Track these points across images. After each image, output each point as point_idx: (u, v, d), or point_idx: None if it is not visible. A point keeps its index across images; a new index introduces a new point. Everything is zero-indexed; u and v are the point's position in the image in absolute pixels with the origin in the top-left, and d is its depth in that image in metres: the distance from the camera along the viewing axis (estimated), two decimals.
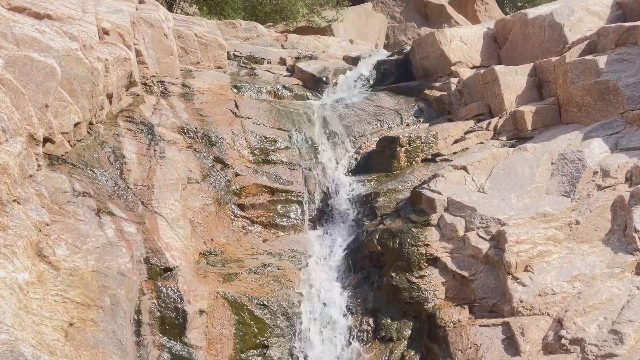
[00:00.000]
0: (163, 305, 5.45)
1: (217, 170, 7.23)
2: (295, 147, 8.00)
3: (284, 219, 7.45)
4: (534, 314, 5.40)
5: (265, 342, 5.79)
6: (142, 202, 6.20)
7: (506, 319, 5.45)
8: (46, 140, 5.74)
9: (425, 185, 6.74)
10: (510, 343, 5.33)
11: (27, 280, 4.45)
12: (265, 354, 5.74)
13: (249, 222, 7.27)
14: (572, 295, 5.43)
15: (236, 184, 7.31)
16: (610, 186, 6.10)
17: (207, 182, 7.06)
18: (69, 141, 6.11)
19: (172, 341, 5.37)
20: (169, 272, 5.63)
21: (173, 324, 5.41)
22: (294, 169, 7.82)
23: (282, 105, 8.71)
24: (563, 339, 5.12)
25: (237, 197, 7.29)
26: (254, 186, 7.39)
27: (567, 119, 7.46)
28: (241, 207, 7.28)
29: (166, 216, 6.21)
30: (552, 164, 6.57)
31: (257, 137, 7.85)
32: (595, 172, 6.22)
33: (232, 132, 7.70)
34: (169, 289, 5.52)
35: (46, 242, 4.93)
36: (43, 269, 4.72)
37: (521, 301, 5.44)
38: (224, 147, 7.44)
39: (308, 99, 9.39)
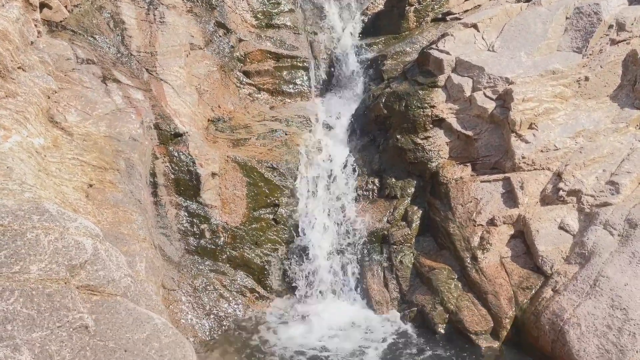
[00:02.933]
0: (176, 168, 5.67)
1: (220, 36, 7.07)
2: (300, 10, 7.71)
3: (290, 86, 7.42)
4: (535, 169, 5.55)
5: (276, 201, 6.09)
6: (147, 70, 6.17)
7: (507, 175, 5.62)
8: (43, 5, 5.59)
9: (434, 46, 6.57)
10: (510, 196, 5.55)
11: (42, 144, 4.60)
12: (276, 212, 6.07)
13: (255, 89, 7.27)
14: (574, 151, 5.53)
15: (240, 50, 7.19)
16: (624, 40, 5.91)
17: (210, 48, 6.94)
18: (65, 6, 5.94)
19: (188, 201, 5.68)
20: (179, 138, 5.78)
21: (187, 185, 5.68)
22: (298, 34, 7.61)
23: None
24: (561, 190, 5.32)
25: (241, 64, 7.21)
26: (259, 52, 7.27)
27: None
28: (246, 74, 7.23)
29: (172, 83, 6.21)
30: (567, 18, 6.30)
31: None
32: (610, 26, 5.99)
33: None
34: (181, 153, 5.71)
35: (56, 109, 5.02)
36: (57, 134, 4.86)
37: (523, 157, 5.57)
38: (225, 10, 7.18)
39: None
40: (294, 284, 6.01)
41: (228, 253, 5.75)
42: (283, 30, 7.53)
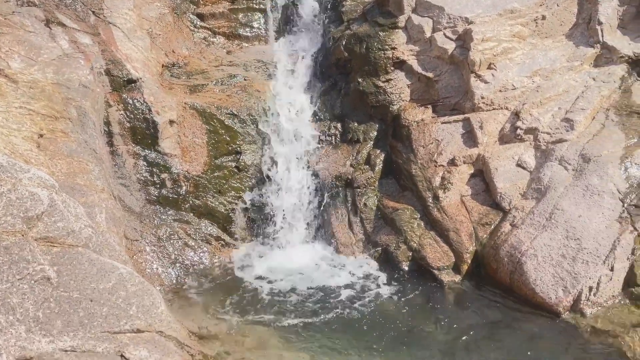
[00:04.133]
0: (132, 116, 5.46)
1: None
2: None
3: (247, 29, 7.17)
4: (494, 109, 5.64)
5: (238, 149, 5.98)
6: (93, 12, 5.80)
7: (467, 115, 5.69)
8: None
9: None
10: (469, 137, 5.64)
11: None
12: (238, 159, 5.98)
13: (210, 33, 6.98)
14: (531, 90, 5.63)
15: None
16: None
17: None
18: None
19: (146, 150, 5.51)
20: (133, 84, 5.53)
21: (144, 134, 5.49)
22: None
23: None
24: (518, 129, 5.44)
25: (194, 6, 6.89)
26: None
27: None
28: (200, 16, 6.92)
29: (121, 26, 5.88)
30: None
31: None
32: None
33: None
34: (135, 100, 5.48)
35: None
36: (0, 82, 4.56)
37: (482, 97, 5.63)
38: None
39: None
40: (259, 230, 6.01)
41: (191, 202, 5.66)
42: None
